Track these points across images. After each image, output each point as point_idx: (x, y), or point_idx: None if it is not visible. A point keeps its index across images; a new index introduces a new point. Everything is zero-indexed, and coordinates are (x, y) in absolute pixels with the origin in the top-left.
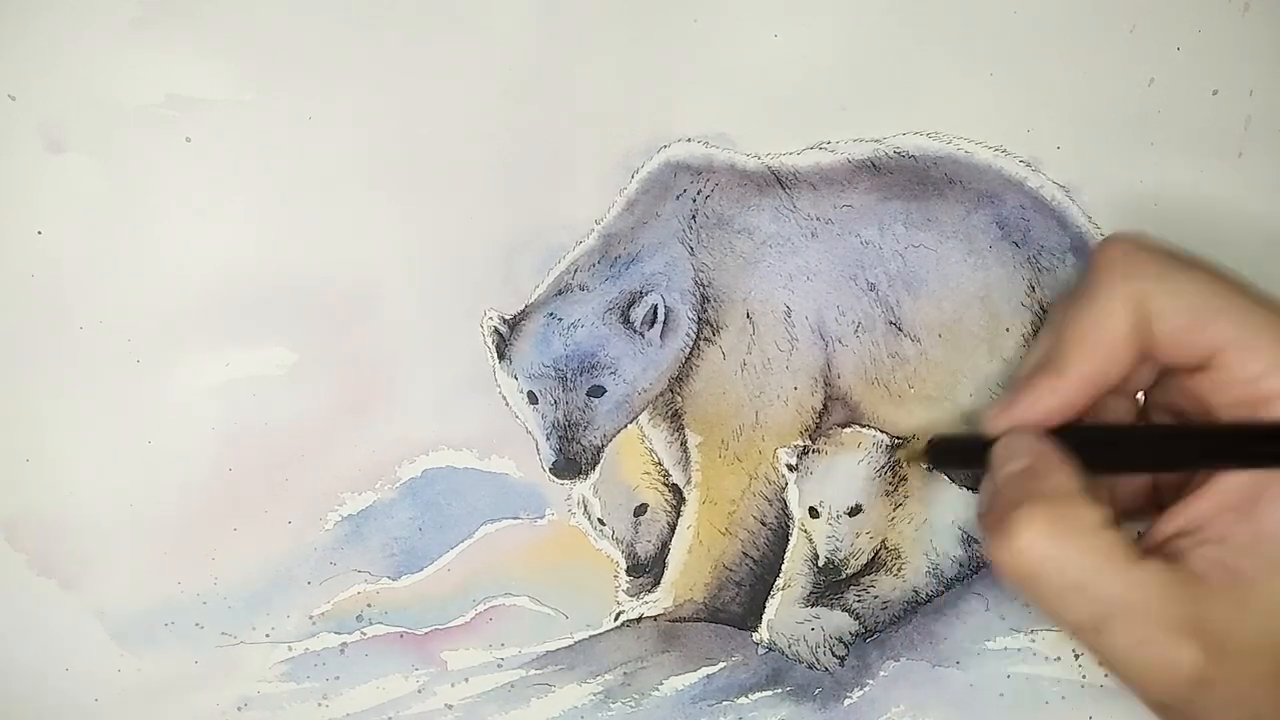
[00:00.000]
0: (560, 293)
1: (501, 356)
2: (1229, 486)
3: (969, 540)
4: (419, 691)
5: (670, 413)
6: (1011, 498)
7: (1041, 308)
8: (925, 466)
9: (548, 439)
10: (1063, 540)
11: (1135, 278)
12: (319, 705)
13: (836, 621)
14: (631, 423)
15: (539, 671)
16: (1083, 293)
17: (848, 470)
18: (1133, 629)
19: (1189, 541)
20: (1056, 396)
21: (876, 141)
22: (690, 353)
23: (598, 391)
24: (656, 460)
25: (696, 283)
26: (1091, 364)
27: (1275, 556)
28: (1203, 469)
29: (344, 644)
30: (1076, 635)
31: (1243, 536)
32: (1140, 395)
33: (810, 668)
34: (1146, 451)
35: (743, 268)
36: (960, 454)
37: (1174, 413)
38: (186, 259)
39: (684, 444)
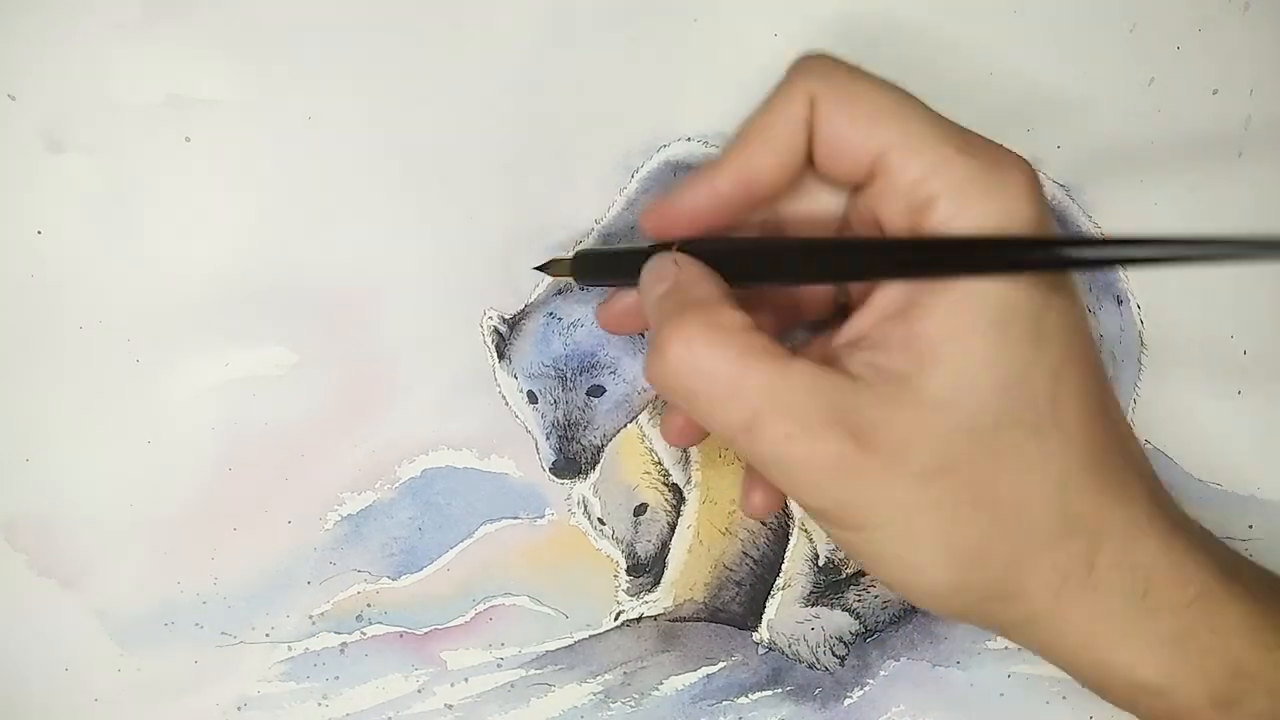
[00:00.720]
0: (560, 292)
1: (501, 356)
2: (887, 299)
3: None
4: (419, 691)
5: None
6: (661, 314)
7: None
8: (577, 283)
9: (548, 439)
10: (709, 345)
11: (811, 78)
12: (319, 705)
13: (837, 621)
14: (631, 422)
15: (539, 671)
16: (765, 97)
17: None
18: (780, 424)
19: (849, 350)
20: (709, 187)
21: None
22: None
23: (598, 391)
24: (656, 460)
25: None
26: (746, 156)
27: (925, 353)
28: (839, 281)
29: (344, 644)
30: (732, 442)
31: (897, 338)
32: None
33: (810, 667)
34: (793, 263)
35: None
36: (608, 267)
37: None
38: (186, 259)
39: None
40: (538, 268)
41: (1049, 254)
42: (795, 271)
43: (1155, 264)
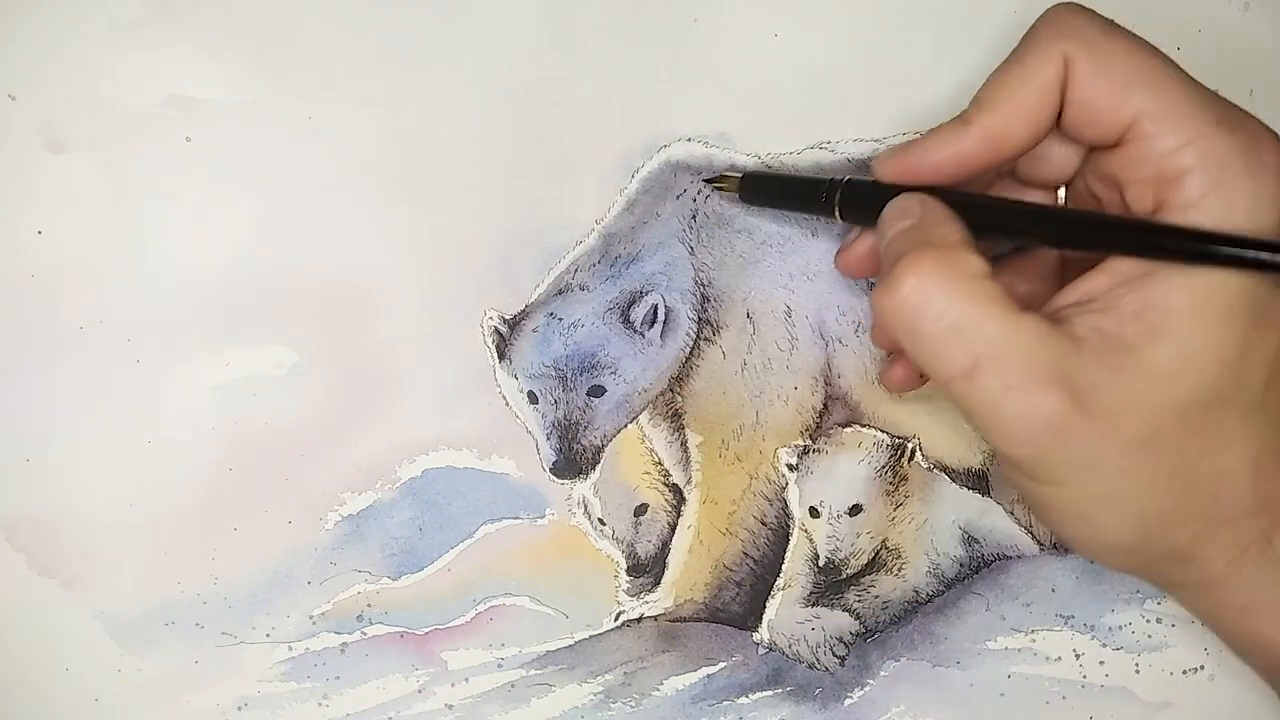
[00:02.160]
0: (560, 293)
1: (501, 356)
2: (1124, 266)
3: (969, 540)
4: (419, 691)
5: (670, 413)
6: (898, 250)
7: None
8: (743, 202)
9: (548, 439)
10: (944, 285)
11: (1065, 37)
12: (319, 705)
13: (837, 621)
14: (631, 423)
15: (539, 671)
16: (1013, 53)
17: (848, 470)
18: (1001, 373)
19: (1077, 310)
20: (956, 145)
21: (876, 141)
22: (690, 352)
23: (598, 391)
24: (656, 460)
25: (697, 282)
26: (998, 117)
27: (1156, 325)
28: (1091, 250)
29: (344, 644)
30: (949, 385)
31: (1129, 305)
32: (1061, 193)
33: (810, 668)
34: (1031, 224)
35: (743, 267)
36: (787, 195)
37: (1088, 203)
38: (186, 259)
39: (684, 444)
40: (706, 180)
41: None
42: (1039, 234)
43: None
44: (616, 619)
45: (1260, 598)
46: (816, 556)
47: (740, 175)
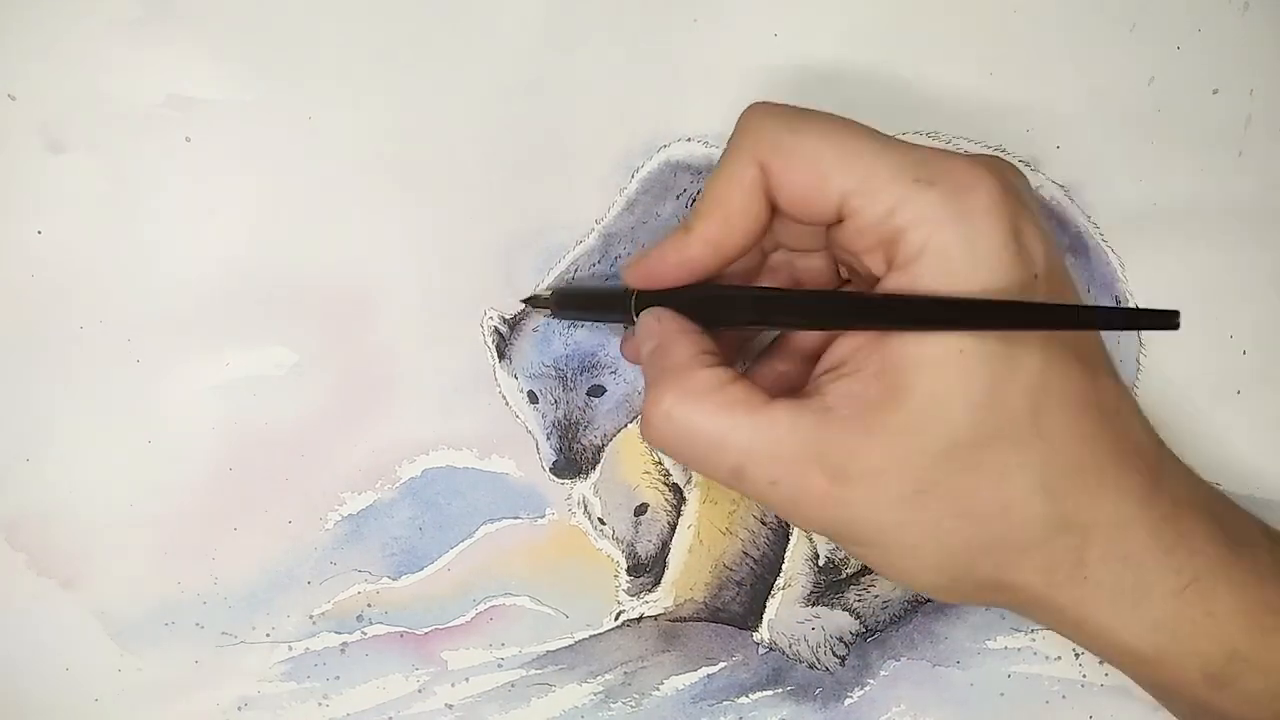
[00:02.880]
0: None
1: (502, 356)
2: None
3: None
4: (419, 691)
5: None
6: (649, 378)
7: None
8: (548, 314)
9: (548, 439)
10: (685, 408)
11: (755, 145)
12: (319, 705)
13: (837, 621)
14: (631, 422)
15: (539, 671)
16: (719, 160)
17: None
18: (763, 469)
19: (828, 378)
20: (680, 254)
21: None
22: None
23: (598, 391)
24: (656, 460)
25: None
26: (713, 227)
27: (896, 383)
28: (825, 329)
29: (344, 644)
30: (724, 485)
31: (871, 366)
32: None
33: (811, 667)
34: (774, 313)
35: None
36: (591, 304)
37: (846, 265)
38: (186, 259)
39: None
40: (524, 300)
41: (1022, 316)
42: (776, 320)
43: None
44: (616, 619)
45: (1088, 613)
46: (816, 556)
47: (550, 294)
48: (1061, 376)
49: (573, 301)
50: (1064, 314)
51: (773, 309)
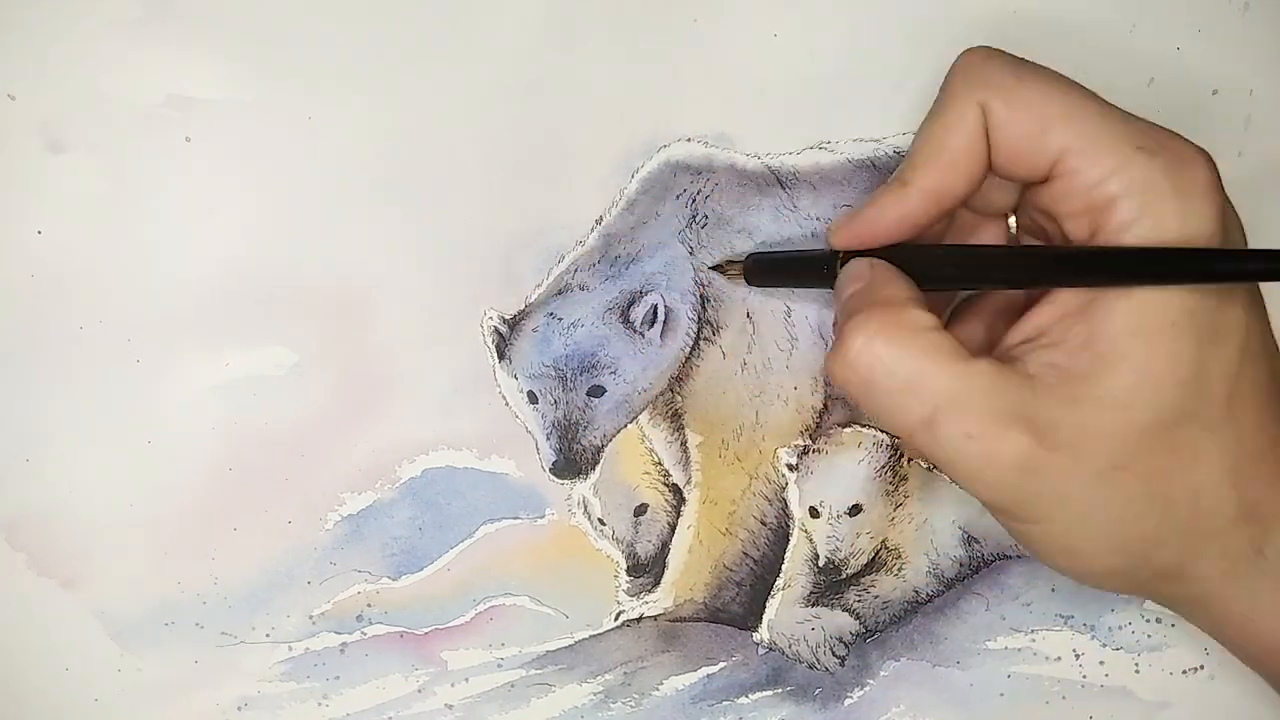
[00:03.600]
0: (560, 293)
1: (501, 356)
2: (1067, 297)
3: (969, 540)
4: (419, 691)
5: (670, 412)
6: (848, 312)
7: None
8: (750, 285)
9: (548, 439)
10: (891, 342)
11: (978, 87)
12: (319, 705)
13: (837, 621)
14: (631, 423)
15: (539, 671)
16: (932, 108)
17: (848, 470)
18: (960, 421)
19: (1027, 347)
20: (900, 208)
21: (876, 141)
22: (690, 352)
23: (598, 391)
24: (656, 460)
25: (696, 282)
26: (933, 175)
27: (1106, 353)
28: (1036, 286)
29: (344, 644)
30: (911, 438)
31: (1077, 337)
32: (1012, 221)
33: (810, 668)
34: (983, 269)
35: None
36: (787, 271)
37: (1034, 232)
38: (186, 259)
39: (684, 444)
40: (713, 268)
41: (1228, 267)
42: (985, 277)
43: None
44: (616, 619)
45: (1259, 606)
46: (816, 556)
47: (745, 259)
48: (1255, 359)
49: (769, 268)
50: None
51: (990, 265)
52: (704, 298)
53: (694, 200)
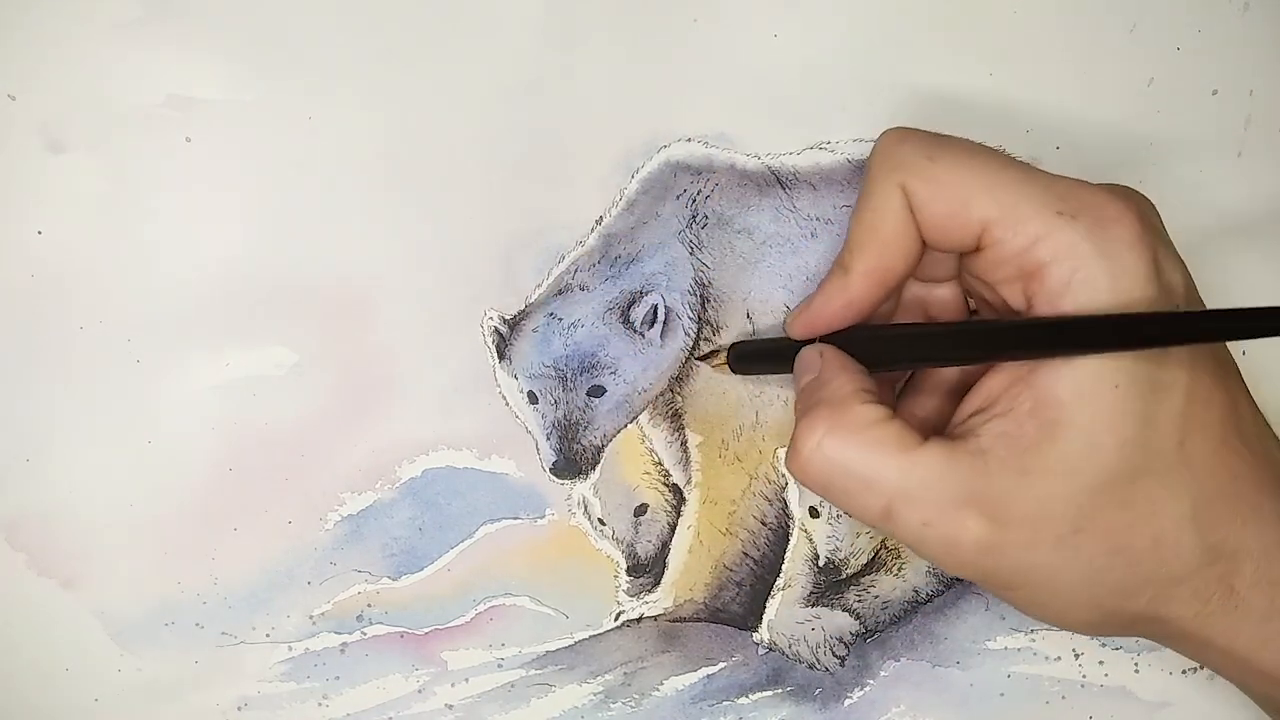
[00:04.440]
0: (560, 293)
1: (501, 356)
2: (1013, 365)
3: None
4: (419, 691)
5: (670, 413)
6: (801, 409)
7: None
8: (728, 368)
9: (548, 439)
10: (840, 442)
11: (895, 170)
12: (319, 705)
13: (837, 621)
14: (631, 423)
15: (539, 671)
16: (860, 191)
17: None
18: (916, 511)
19: (980, 418)
20: (845, 294)
21: (876, 142)
22: (690, 353)
23: (598, 391)
24: (656, 460)
25: (697, 283)
26: (870, 259)
27: (1053, 419)
28: (981, 362)
29: (344, 644)
30: (872, 525)
31: (1024, 404)
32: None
33: (810, 668)
34: (929, 349)
35: (743, 268)
36: (764, 358)
37: (978, 298)
38: (186, 259)
39: (684, 444)
40: (700, 359)
41: (1157, 331)
42: (931, 356)
43: (1270, 334)
44: (616, 619)
45: (1238, 639)
46: (816, 556)
47: (727, 350)
48: (1205, 403)
49: (750, 358)
50: (1228, 321)
51: (935, 343)
52: (704, 298)
53: (694, 200)
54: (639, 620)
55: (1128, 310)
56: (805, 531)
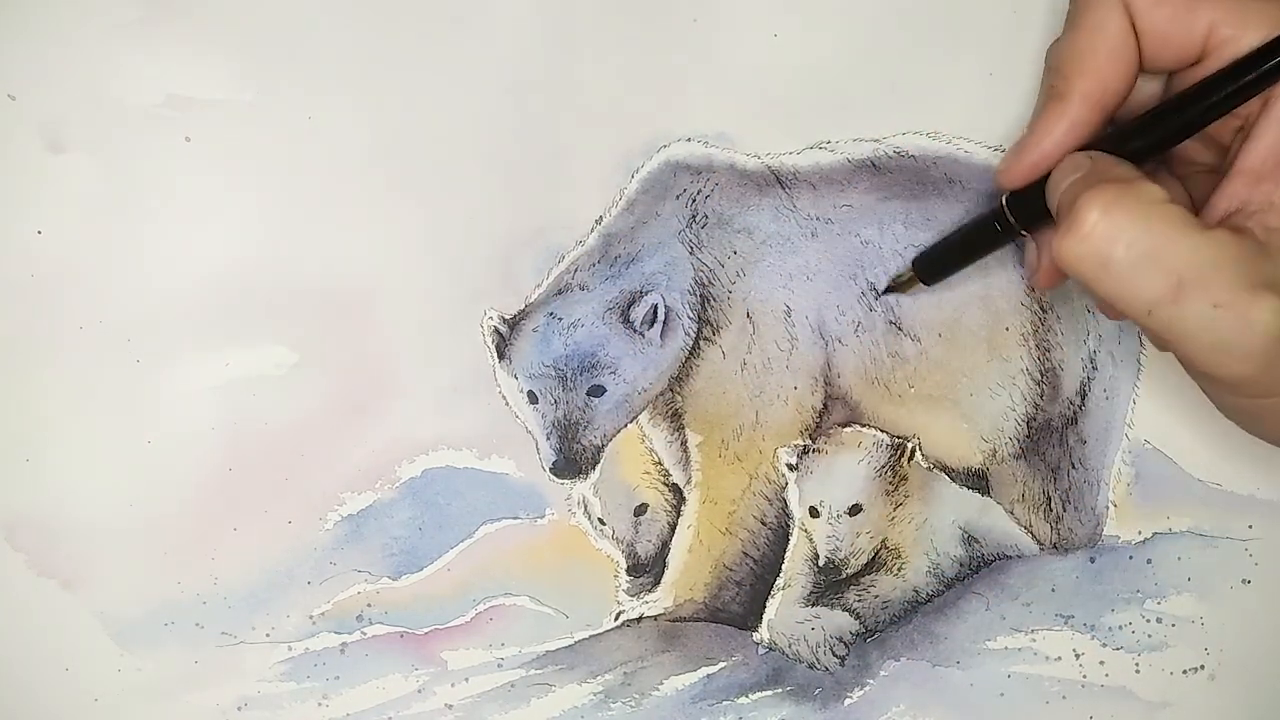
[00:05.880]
0: (560, 293)
1: (501, 356)
2: (1253, 162)
3: (969, 540)
4: (419, 691)
5: (670, 412)
6: (1076, 193)
7: (1041, 307)
8: (921, 284)
9: (548, 439)
10: (1131, 213)
11: None
12: (319, 705)
13: (837, 621)
14: (631, 422)
15: (539, 671)
16: (1070, 17)
17: (848, 470)
18: (1209, 291)
19: (1244, 216)
20: (1065, 120)
21: (876, 141)
22: (690, 352)
23: (598, 391)
24: (656, 460)
25: (696, 282)
26: (1090, 80)
27: None
28: (1216, 115)
29: (344, 644)
30: (1151, 315)
31: (1277, 195)
32: None
33: (810, 667)
34: (1171, 126)
35: (743, 267)
36: (957, 252)
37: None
38: (186, 259)
39: (684, 444)
40: (885, 291)
41: None
42: (1177, 130)
43: None
44: (616, 619)
45: None
46: (816, 556)
47: (910, 267)
48: None
49: (940, 259)
50: None
51: (1172, 118)
52: (704, 297)
53: (694, 200)
54: (639, 620)
55: None
56: (805, 531)
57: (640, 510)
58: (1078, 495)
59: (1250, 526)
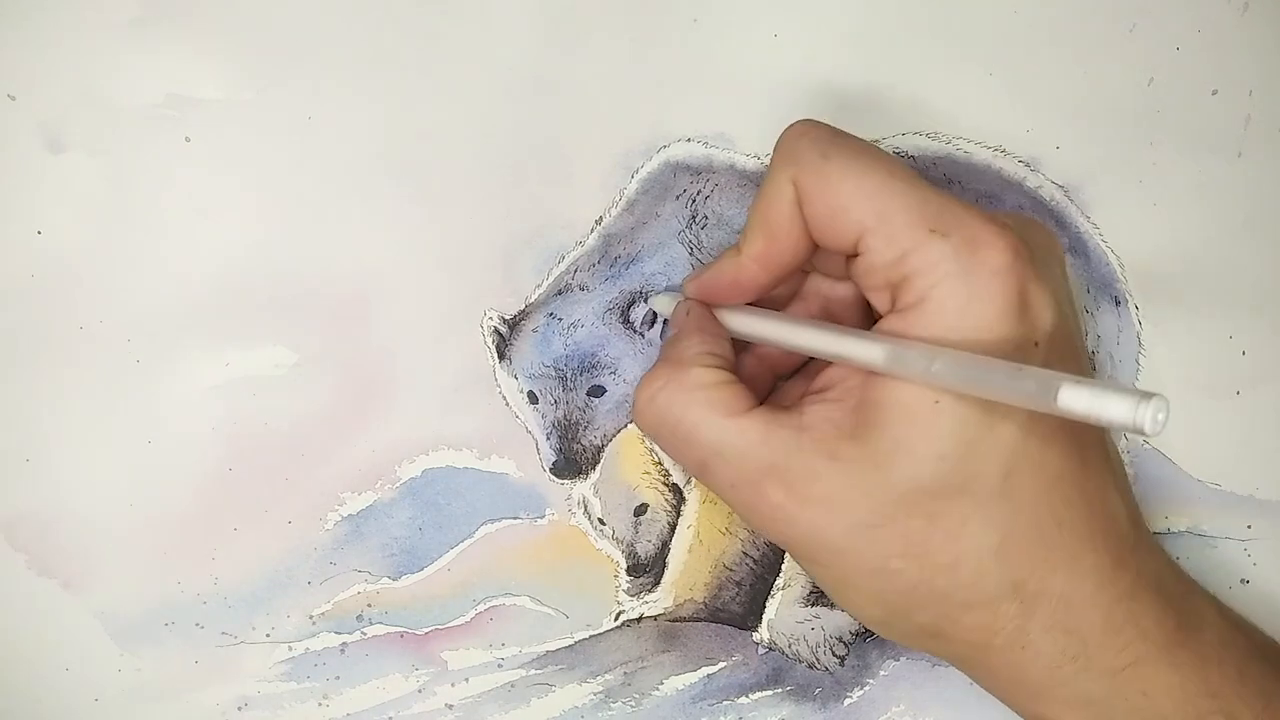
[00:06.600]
0: (560, 293)
1: (501, 356)
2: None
3: None
4: (419, 691)
5: None
6: (657, 361)
7: None
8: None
9: (548, 439)
10: (670, 396)
11: (790, 163)
12: (319, 705)
13: (837, 621)
14: (631, 422)
15: (539, 671)
16: (762, 181)
17: None
18: (724, 472)
19: (815, 398)
20: (734, 274)
21: (876, 141)
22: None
23: (598, 391)
24: (656, 460)
25: None
26: (759, 245)
27: (870, 419)
28: (824, 358)
29: (344, 644)
30: (695, 479)
31: (853, 397)
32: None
33: (810, 667)
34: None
35: None
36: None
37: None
38: (186, 259)
39: None
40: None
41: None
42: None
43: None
44: (616, 619)
45: (1024, 678)
46: None
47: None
48: (1040, 450)
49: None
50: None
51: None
52: None
53: (694, 200)
54: (639, 620)
55: (977, 343)
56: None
57: (640, 510)
58: None
59: (1249, 526)
